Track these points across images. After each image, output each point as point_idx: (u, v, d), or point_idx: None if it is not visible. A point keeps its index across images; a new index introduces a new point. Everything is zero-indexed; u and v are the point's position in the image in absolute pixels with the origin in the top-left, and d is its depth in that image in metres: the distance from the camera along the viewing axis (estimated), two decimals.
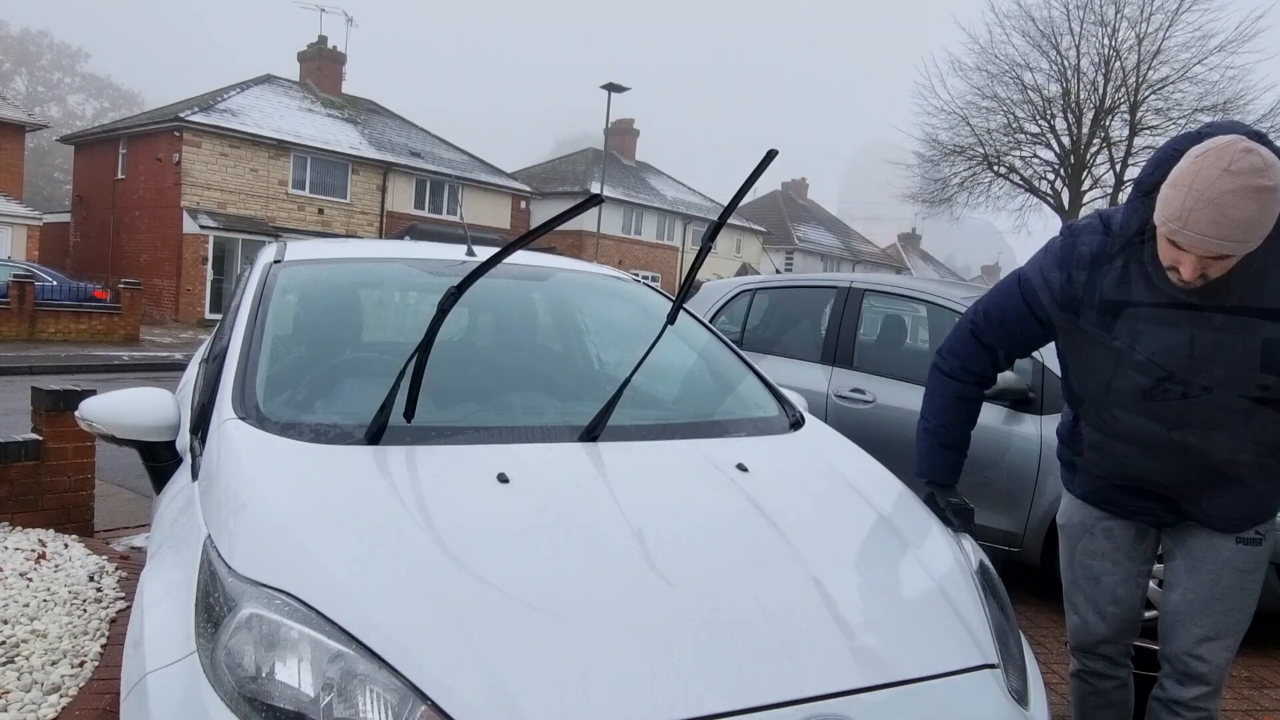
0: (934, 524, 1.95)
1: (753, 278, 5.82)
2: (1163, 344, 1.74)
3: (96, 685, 2.53)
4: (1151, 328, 1.74)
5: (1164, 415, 1.79)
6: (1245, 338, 1.66)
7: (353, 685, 1.24)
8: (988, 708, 1.47)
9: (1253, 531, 1.87)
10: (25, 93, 55.14)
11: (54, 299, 16.30)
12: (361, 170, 26.56)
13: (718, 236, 2.10)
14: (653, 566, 1.52)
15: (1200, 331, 1.70)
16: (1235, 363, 1.68)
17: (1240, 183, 1.46)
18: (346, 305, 2.69)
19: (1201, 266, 1.57)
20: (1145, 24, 17.98)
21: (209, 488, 1.70)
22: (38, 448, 3.90)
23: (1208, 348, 1.70)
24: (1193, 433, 1.78)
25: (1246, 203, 1.47)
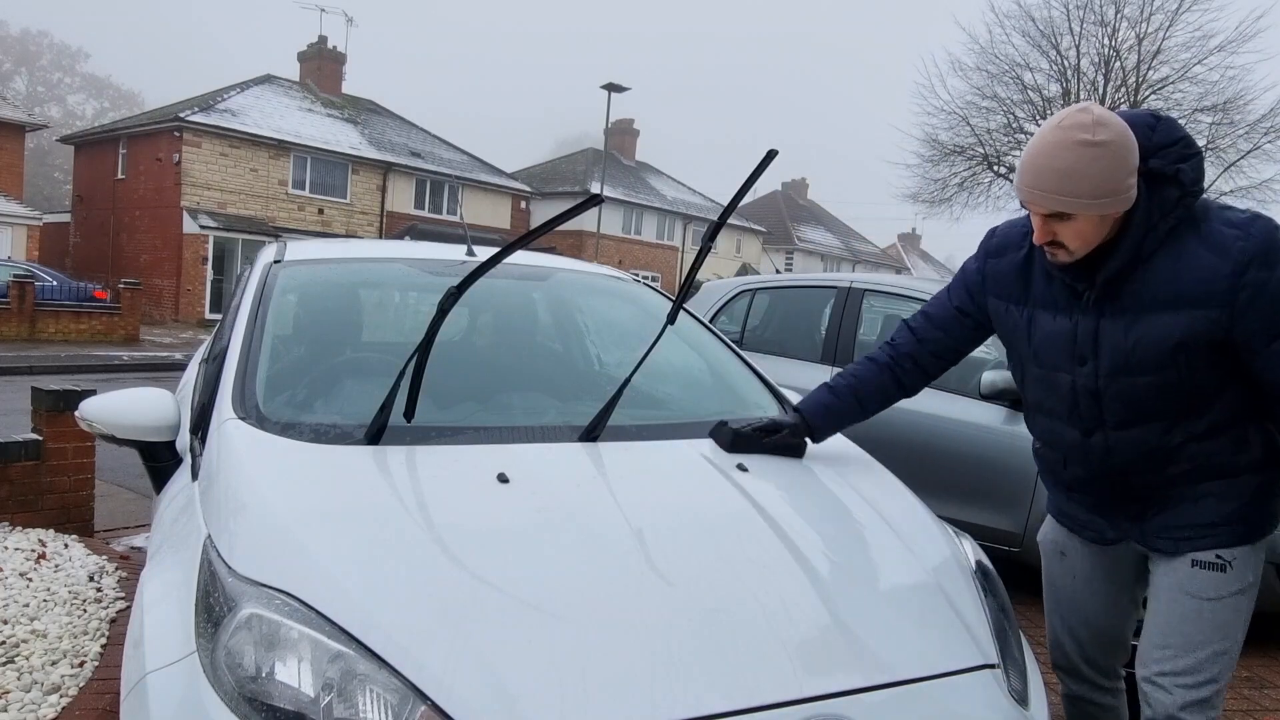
0: (934, 524, 1.95)
1: (753, 278, 5.82)
2: (1048, 332, 1.73)
3: (96, 685, 2.53)
4: (1042, 317, 1.75)
5: (1072, 414, 1.75)
6: (1128, 326, 1.62)
7: (353, 685, 1.24)
8: (988, 708, 1.47)
9: (1213, 555, 1.68)
10: (25, 93, 55.15)
11: (54, 299, 16.31)
12: (361, 170, 26.57)
13: (718, 236, 2.10)
14: (653, 566, 1.52)
15: (1083, 319, 1.68)
16: (1120, 353, 1.64)
17: (1063, 136, 1.51)
18: (346, 305, 2.69)
19: (1047, 229, 1.59)
20: (1145, 24, 17.98)
21: (209, 488, 1.70)
22: (38, 448, 3.90)
23: (1088, 336, 1.67)
24: (1105, 433, 1.71)
25: (1066, 153, 1.50)
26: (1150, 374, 1.62)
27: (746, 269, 35.80)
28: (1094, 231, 1.57)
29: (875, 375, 2.07)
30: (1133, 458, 1.71)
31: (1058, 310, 1.73)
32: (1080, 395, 1.71)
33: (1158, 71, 18.20)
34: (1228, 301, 1.53)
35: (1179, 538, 1.71)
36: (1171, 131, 1.60)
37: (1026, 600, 4.03)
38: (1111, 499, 1.79)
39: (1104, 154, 1.49)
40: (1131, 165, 1.52)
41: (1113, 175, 1.50)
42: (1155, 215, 1.57)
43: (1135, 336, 1.61)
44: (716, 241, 2.15)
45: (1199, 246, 1.56)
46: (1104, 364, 1.66)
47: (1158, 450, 1.68)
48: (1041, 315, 1.76)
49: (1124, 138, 1.51)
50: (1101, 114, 1.51)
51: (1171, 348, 1.58)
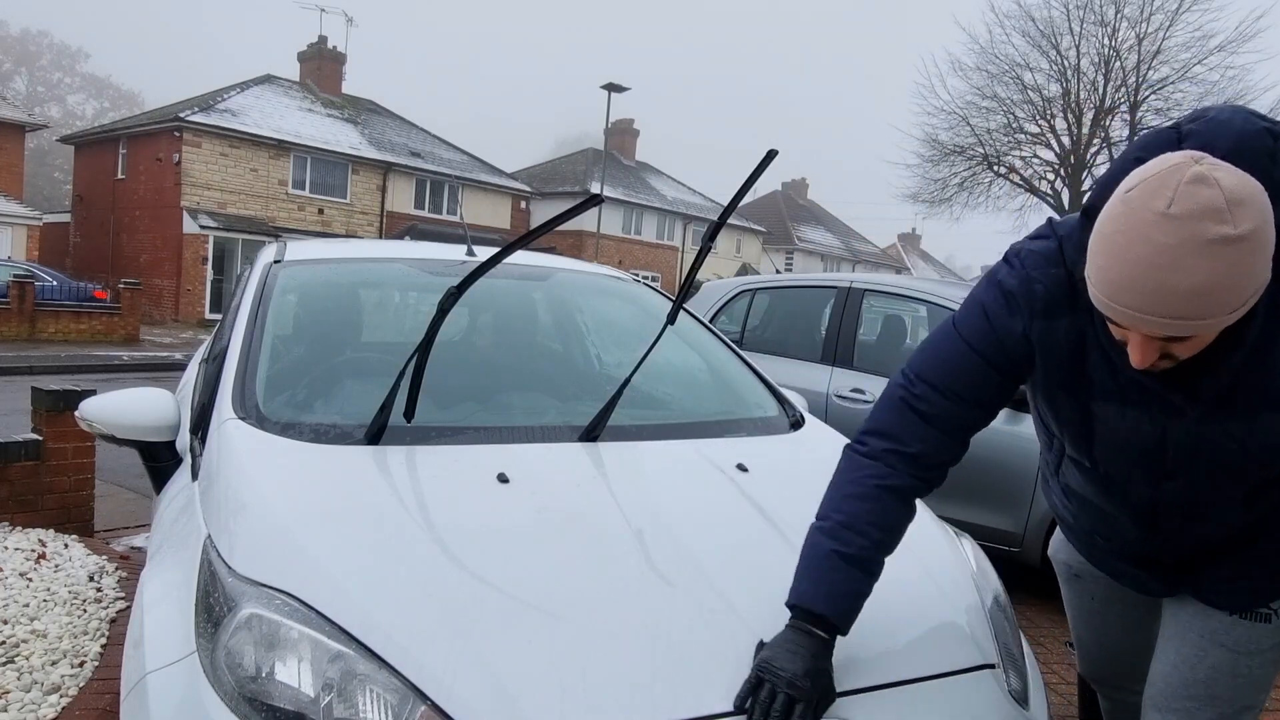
0: (934, 524, 1.95)
1: (753, 278, 5.82)
2: (1118, 435, 1.32)
3: (96, 685, 2.53)
4: (1107, 412, 1.30)
5: (1139, 521, 1.44)
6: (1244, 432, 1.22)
7: (353, 685, 1.24)
8: (987, 708, 1.47)
9: (1265, 605, 1.42)
10: (25, 93, 55.15)
11: (54, 299, 16.31)
12: (361, 170, 26.56)
13: (718, 237, 2.10)
14: (653, 566, 1.53)
15: (1173, 425, 1.25)
16: (1224, 463, 1.27)
17: (1188, 232, 0.99)
18: (346, 305, 2.69)
19: (1154, 350, 1.11)
20: (1145, 24, 18.01)
21: (209, 488, 1.70)
22: (38, 448, 3.90)
23: (1185, 447, 1.27)
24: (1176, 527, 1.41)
25: (1198, 262, 0.99)
26: (1258, 476, 1.28)
27: (746, 269, 35.80)
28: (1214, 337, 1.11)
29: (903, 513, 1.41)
30: (1211, 540, 1.42)
31: (1126, 405, 1.27)
32: (1161, 510, 1.38)
33: (1158, 71, 18.24)
34: None
35: (1247, 589, 1.43)
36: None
37: (1026, 600, 4.03)
38: (1165, 565, 1.51)
39: (1250, 249, 0.99)
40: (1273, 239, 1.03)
41: (1261, 272, 1.02)
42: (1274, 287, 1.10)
43: (1251, 445, 1.22)
44: (716, 241, 2.14)
45: None
46: (1201, 476, 1.29)
47: (1239, 525, 1.39)
48: (1106, 410, 1.30)
49: (1266, 210, 1.01)
50: (1231, 181, 1.00)
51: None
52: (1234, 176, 1.02)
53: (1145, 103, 18.38)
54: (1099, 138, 19.11)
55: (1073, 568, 1.79)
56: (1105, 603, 1.74)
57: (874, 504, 1.37)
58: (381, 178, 27.00)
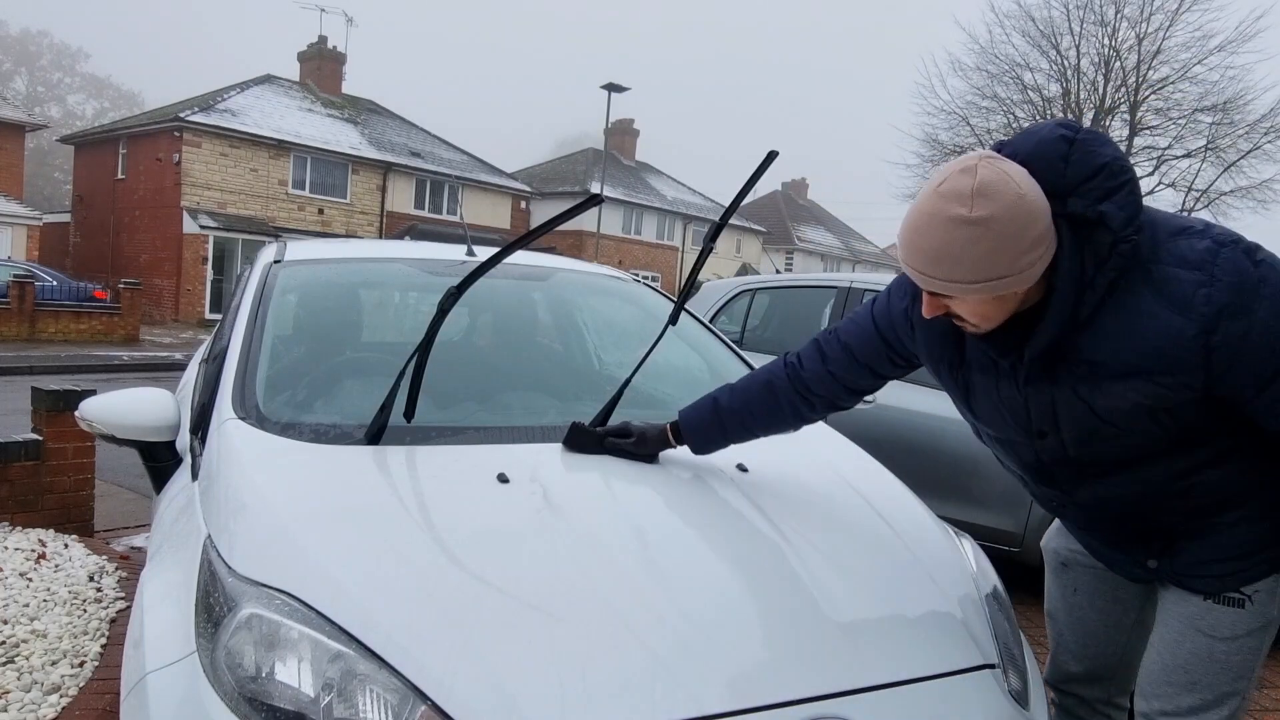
0: (934, 524, 1.95)
1: (753, 278, 5.82)
2: (992, 401, 1.48)
3: (96, 685, 2.53)
4: (980, 383, 1.49)
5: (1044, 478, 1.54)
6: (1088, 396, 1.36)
7: (353, 685, 1.24)
8: (987, 708, 1.47)
9: (1237, 590, 1.47)
10: (25, 93, 55.15)
11: (54, 299, 16.31)
12: (361, 170, 26.56)
13: (718, 237, 2.10)
14: (653, 566, 1.52)
15: (1033, 391, 1.42)
16: (1084, 424, 1.39)
17: (936, 207, 1.23)
18: (346, 305, 2.69)
19: (935, 302, 1.34)
20: (1145, 24, 18.02)
21: (209, 488, 1.70)
22: (38, 448, 3.90)
23: (1044, 409, 1.42)
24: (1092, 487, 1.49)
25: (936, 231, 1.23)
26: (1128, 435, 1.38)
27: (746, 269, 35.79)
28: (994, 310, 1.31)
29: (774, 409, 1.80)
30: (1134, 499, 1.48)
31: (999, 376, 1.45)
32: (1050, 465, 1.50)
33: (1158, 71, 18.25)
34: (1200, 365, 1.27)
35: (1220, 574, 1.47)
36: (1090, 158, 1.27)
37: (1026, 600, 4.03)
38: (1131, 535, 1.55)
39: (983, 235, 1.20)
40: (1029, 239, 1.22)
41: (996, 258, 1.21)
42: (1089, 268, 1.28)
43: (1100, 407, 1.36)
44: (717, 242, 2.14)
45: (1154, 300, 1.27)
46: (1069, 434, 1.42)
47: (1163, 489, 1.44)
48: (981, 381, 1.49)
49: (1015, 209, 1.20)
50: (988, 177, 1.21)
51: (1146, 415, 1.34)
52: (995, 174, 1.22)
53: (1145, 103, 18.39)
54: None
55: (1061, 555, 1.79)
56: (1089, 595, 1.74)
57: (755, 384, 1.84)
58: (381, 178, 27.00)
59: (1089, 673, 1.79)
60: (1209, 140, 17.80)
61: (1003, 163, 1.24)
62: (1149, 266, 1.29)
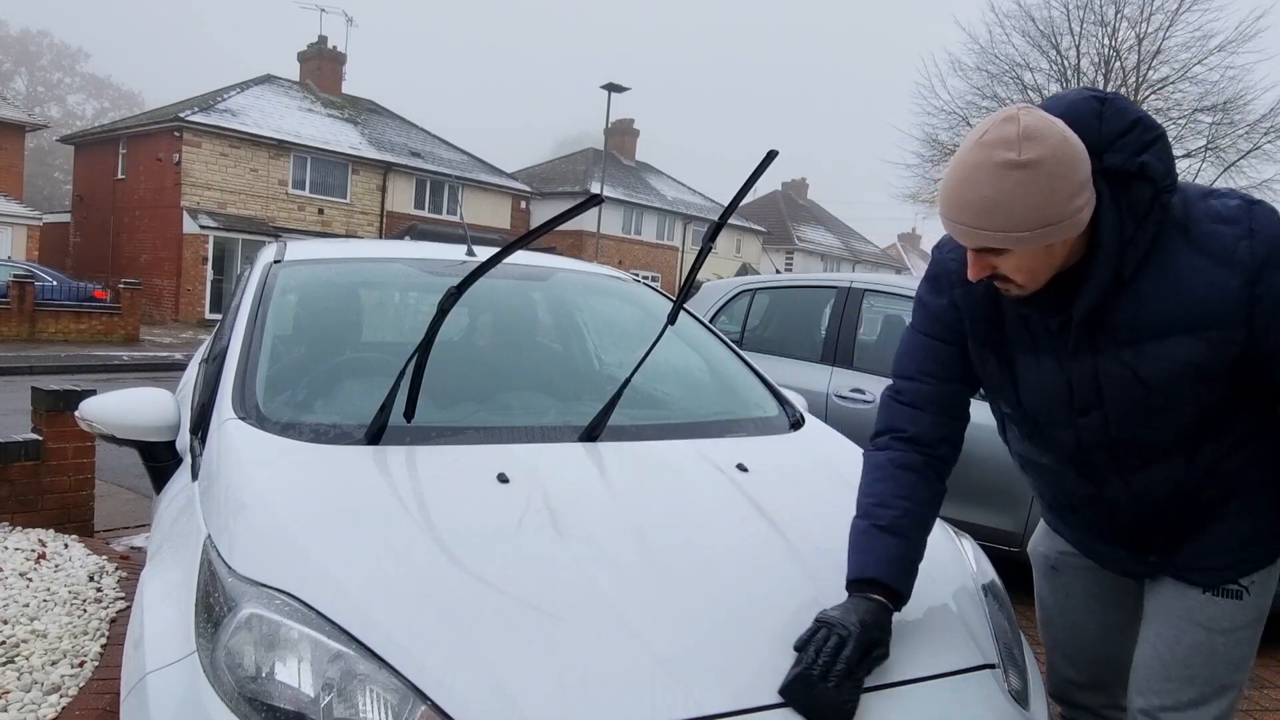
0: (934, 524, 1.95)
1: (753, 278, 5.82)
2: (1035, 382, 1.46)
3: (96, 685, 2.53)
4: (1024, 364, 1.47)
5: (1081, 469, 1.51)
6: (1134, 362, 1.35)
7: (353, 685, 1.24)
8: (987, 708, 1.47)
9: (1235, 582, 1.48)
10: (25, 93, 55.15)
11: (54, 299, 16.30)
12: (361, 170, 26.56)
13: (718, 237, 2.10)
14: (653, 566, 1.52)
15: (1075, 362, 1.40)
16: (1129, 394, 1.38)
17: (983, 156, 1.22)
18: (346, 305, 2.69)
19: (981, 262, 1.32)
20: (1145, 24, 17.99)
21: (209, 488, 1.70)
22: (38, 448, 3.90)
23: (1087, 381, 1.40)
24: (1125, 480, 1.48)
25: (986, 179, 1.21)
26: (1169, 410, 1.37)
27: (746, 269, 35.80)
28: (1042, 264, 1.30)
29: (924, 488, 1.56)
30: (1159, 497, 1.48)
31: (1040, 354, 1.44)
32: (1089, 449, 1.47)
33: (1158, 71, 18.22)
34: (1244, 317, 1.28)
35: (1219, 566, 1.48)
36: (1123, 114, 1.29)
37: (1027, 600, 4.03)
38: (1137, 533, 1.55)
39: (1035, 177, 1.20)
40: (1077, 181, 1.22)
41: (1050, 201, 1.21)
42: (1129, 225, 1.29)
43: (1145, 374, 1.35)
44: (717, 242, 2.14)
45: (1194, 255, 1.29)
46: (1113, 410, 1.40)
47: (1186, 481, 1.45)
48: (1024, 361, 1.47)
49: (1062, 150, 1.21)
50: (1031, 122, 1.21)
51: (1191, 379, 1.33)
52: (1038, 119, 1.22)
53: (1145, 103, 18.37)
54: None
55: (1050, 559, 1.78)
56: (1083, 599, 1.73)
57: (893, 480, 1.55)
58: (381, 178, 27.00)
59: (1091, 680, 1.77)
60: (1209, 140, 17.78)
61: (1041, 110, 1.25)
62: (1185, 224, 1.31)
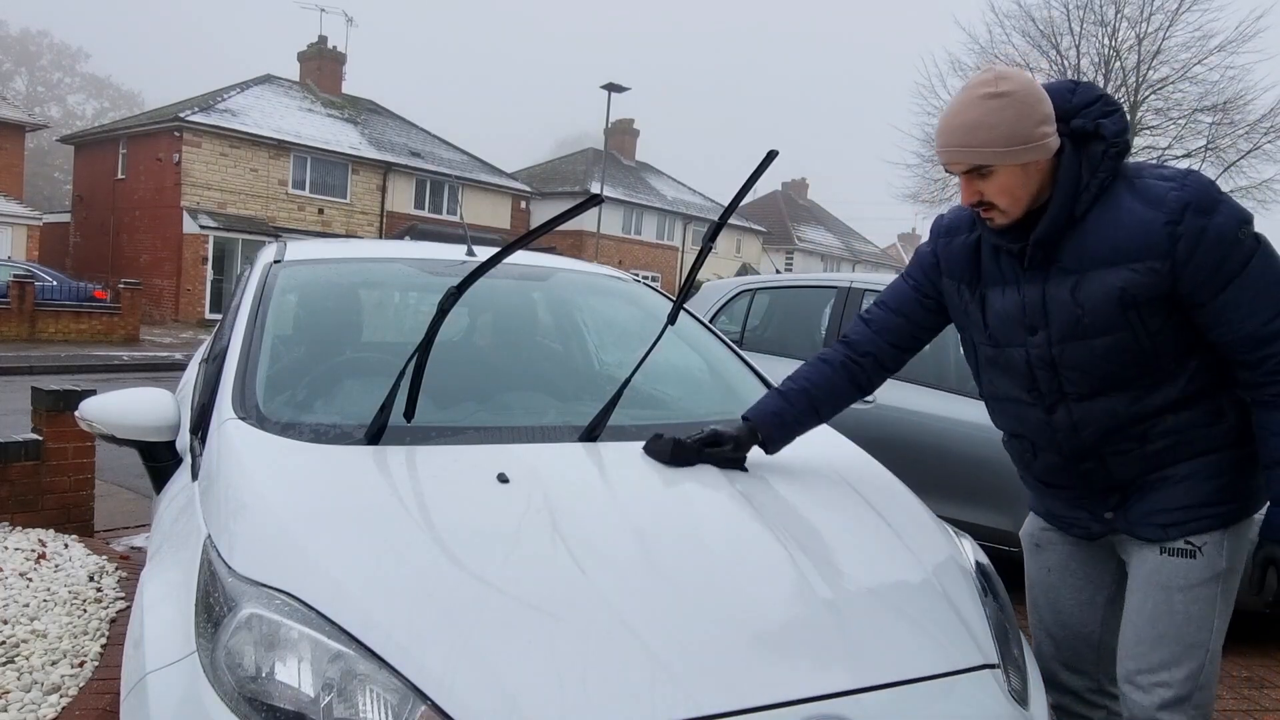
0: (934, 524, 1.95)
1: (753, 278, 5.82)
2: (999, 308, 1.73)
3: (96, 685, 2.53)
4: (993, 295, 1.74)
5: (1032, 390, 1.72)
6: (1074, 288, 1.61)
7: (353, 685, 1.24)
8: (987, 708, 1.47)
9: (1182, 541, 1.64)
10: (25, 93, 55.14)
11: (54, 299, 16.31)
12: (361, 170, 26.56)
13: (718, 237, 2.10)
14: (652, 566, 1.53)
15: (1028, 287, 1.67)
16: (1068, 314, 1.62)
17: (969, 94, 1.57)
18: (346, 305, 2.69)
19: (971, 188, 1.62)
20: (1145, 24, 17.99)
21: (209, 488, 1.70)
22: (38, 448, 3.90)
23: (1036, 303, 1.66)
24: (1069, 406, 1.67)
25: (971, 108, 1.55)
26: (1103, 334, 1.60)
27: (746, 269, 35.79)
28: (1020, 185, 1.59)
29: (830, 377, 1.97)
30: (1102, 432, 1.66)
31: (1005, 284, 1.72)
32: (1036, 367, 1.69)
33: (1158, 71, 18.21)
34: (1167, 252, 1.52)
35: (1165, 523, 1.65)
36: (1090, 91, 1.63)
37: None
38: (1089, 487, 1.74)
39: (1009, 103, 1.53)
40: (1041, 114, 1.55)
41: (1020, 122, 1.53)
42: (1085, 172, 1.59)
43: (1081, 296, 1.60)
44: (717, 242, 2.14)
45: (1134, 200, 1.57)
46: (1055, 330, 1.64)
47: (1129, 423, 1.64)
48: (992, 293, 1.75)
49: (1028, 87, 1.55)
50: (1005, 70, 1.59)
51: (1118, 304, 1.57)
52: (1011, 69, 1.62)
53: (1145, 103, 18.37)
54: None
55: (1035, 538, 1.94)
56: (1060, 574, 1.88)
57: (809, 366, 2.02)
58: (381, 178, 27.00)
59: (1073, 659, 1.89)
60: (1209, 140, 17.78)
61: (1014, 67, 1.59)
62: (1132, 179, 1.60)
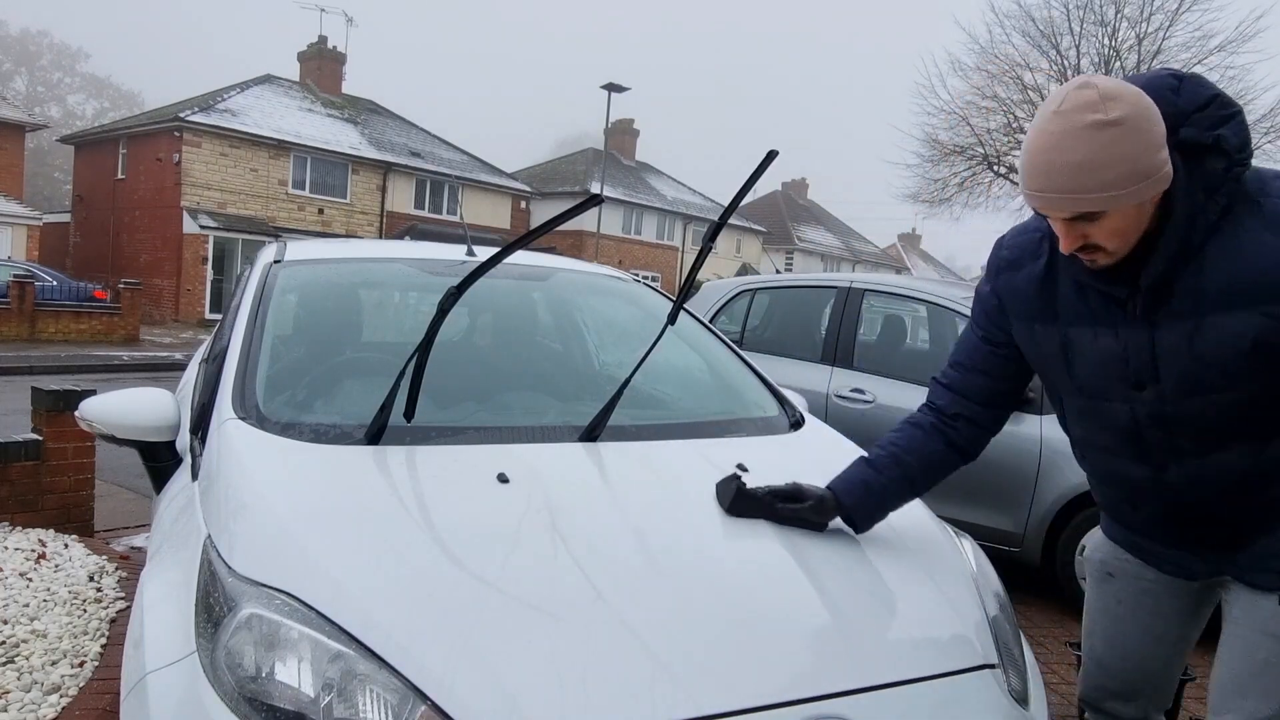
0: (934, 524, 1.95)
1: (753, 278, 5.82)
2: (1091, 355, 1.46)
3: (96, 685, 2.53)
4: (1080, 336, 1.47)
5: (1138, 449, 1.48)
6: (1191, 335, 1.35)
7: (353, 685, 1.24)
8: (987, 708, 1.47)
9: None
10: (25, 93, 55.13)
11: (54, 299, 16.30)
12: (361, 170, 26.56)
13: (718, 237, 2.10)
14: (652, 566, 1.53)
15: (1131, 334, 1.40)
16: (1185, 369, 1.37)
17: (1069, 122, 1.25)
18: (346, 305, 2.69)
19: (1075, 232, 1.33)
20: (1145, 24, 17.99)
21: (209, 488, 1.71)
22: (38, 448, 3.90)
23: (1143, 354, 1.40)
24: (1184, 465, 1.44)
25: (1077, 143, 1.24)
26: (1228, 390, 1.36)
27: (746, 269, 35.80)
28: (1133, 225, 1.31)
29: (922, 440, 1.72)
30: (1222, 489, 1.44)
31: (1098, 326, 1.44)
32: (1144, 426, 1.44)
33: None
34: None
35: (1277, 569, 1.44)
36: (1199, 90, 1.33)
37: (1026, 600, 4.04)
38: (1198, 534, 1.52)
39: (1124, 133, 1.23)
40: (1160, 136, 1.26)
41: (1143, 156, 1.24)
42: (1199, 195, 1.31)
43: (1200, 348, 1.35)
44: (717, 242, 2.14)
45: (1262, 229, 1.30)
46: (1168, 385, 1.39)
47: (1251, 474, 1.41)
48: (1078, 335, 1.47)
49: (1140, 105, 1.25)
50: (1108, 85, 1.25)
51: (1247, 353, 1.32)
52: (1114, 83, 1.26)
53: None
54: None
55: (1107, 565, 1.72)
56: (1132, 607, 1.67)
57: (898, 432, 1.76)
58: (381, 178, 26.99)
59: (1125, 689, 1.73)
60: None
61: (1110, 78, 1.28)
62: (1258, 200, 1.32)
